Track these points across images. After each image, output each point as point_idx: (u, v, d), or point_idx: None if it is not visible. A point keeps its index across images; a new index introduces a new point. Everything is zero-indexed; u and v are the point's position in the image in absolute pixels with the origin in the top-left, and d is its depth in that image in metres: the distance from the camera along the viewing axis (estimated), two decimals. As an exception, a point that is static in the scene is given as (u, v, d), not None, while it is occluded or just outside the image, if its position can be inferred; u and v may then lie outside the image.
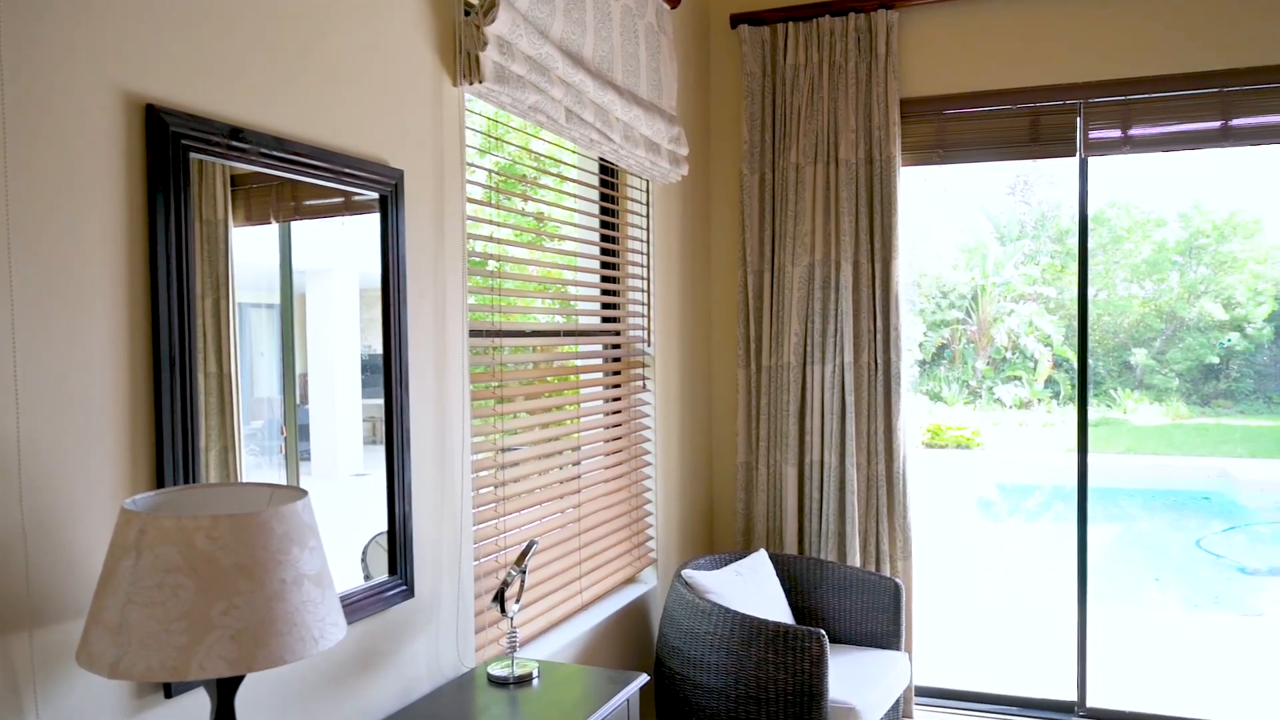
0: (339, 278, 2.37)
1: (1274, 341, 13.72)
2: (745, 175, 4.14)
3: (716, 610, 3.15)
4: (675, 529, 3.92)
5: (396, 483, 2.26)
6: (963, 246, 14.86)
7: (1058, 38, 3.90)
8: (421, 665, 2.36)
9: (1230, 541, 9.93)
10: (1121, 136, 3.93)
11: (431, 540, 2.39)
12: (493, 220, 2.80)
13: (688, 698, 3.19)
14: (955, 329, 14.75)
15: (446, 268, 2.46)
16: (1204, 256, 14.15)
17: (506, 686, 2.41)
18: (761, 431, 4.14)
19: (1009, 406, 14.18)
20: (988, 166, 14.92)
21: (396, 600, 2.24)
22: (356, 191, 2.20)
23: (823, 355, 4.05)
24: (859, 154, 4.00)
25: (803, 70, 4.03)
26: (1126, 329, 14.42)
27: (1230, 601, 8.32)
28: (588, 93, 2.85)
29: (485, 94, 2.50)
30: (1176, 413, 13.85)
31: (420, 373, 2.35)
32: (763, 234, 4.14)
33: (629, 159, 3.24)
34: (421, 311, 2.36)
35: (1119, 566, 9.17)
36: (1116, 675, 4.86)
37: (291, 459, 2.21)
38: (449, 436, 2.46)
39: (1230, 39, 3.72)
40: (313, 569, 1.55)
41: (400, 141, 2.28)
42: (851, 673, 3.31)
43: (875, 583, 3.66)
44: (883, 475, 4.03)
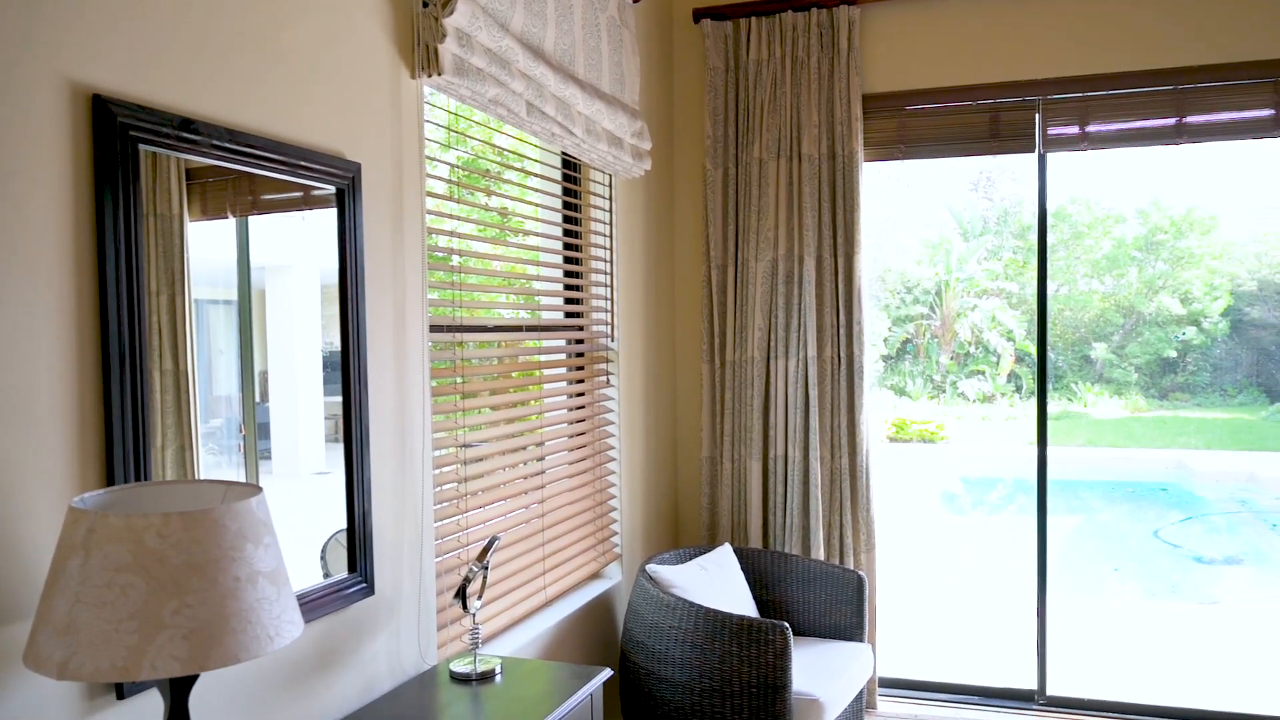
0: (299, 274, 2.34)
1: (1229, 336, 13.98)
2: (709, 170, 4.15)
3: (681, 604, 3.15)
4: (640, 524, 3.93)
5: (355, 479, 2.24)
6: (927, 242, 15.00)
7: (1017, 35, 3.94)
8: (382, 663, 2.34)
9: (1187, 532, 10.11)
10: (1079, 133, 3.98)
11: (392, 537, 2.37)
12: (455, 215, 2.78)
13: (652, 692, 3.20)
14: (919, 324, 14.89)
15: (406, 262, 2.43)
16: (1162, 252, 14.39)
17: (469, 683, 2.40)
18: (726, 426, 4.16)
19: (972, 401, 14.35)
20: (951, 162, 15.06)
21: (356, 598, 2.22)
22: (315, 185, 2.17)
23: (786, 350, 4.07)
24: (822, 149, 4.02)
25: (765, 65, 4.04)
26: (1087, 324, 14.63)
27: (1187, 590, 8.48)
28: (549, 86, 2.84)
29: (444, 87, 2.48)
30: (1135, 406, 14.08)
31: (380, 368, 2.33)
32: (726, 229, 4.15)
33: (591, 153, 3.23)
34: (381, 306, 2.34)
35: (1079, 557, 9.32)
36: (1076, 664, 4.94)
37: (250, 457, 2.18)
38: (410, 433, 2.44)
39: (1184, 37, 3.78)
40: (268, 566, 1.54)
41: (357, 134, 2.25)
42: (815, 665, 3.34)
43: (839, 575, 3.68)
44: (846, 469, 4.06)
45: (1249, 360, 14.05)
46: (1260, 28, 3.70)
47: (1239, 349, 14.05)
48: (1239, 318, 13.91)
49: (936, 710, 4.13)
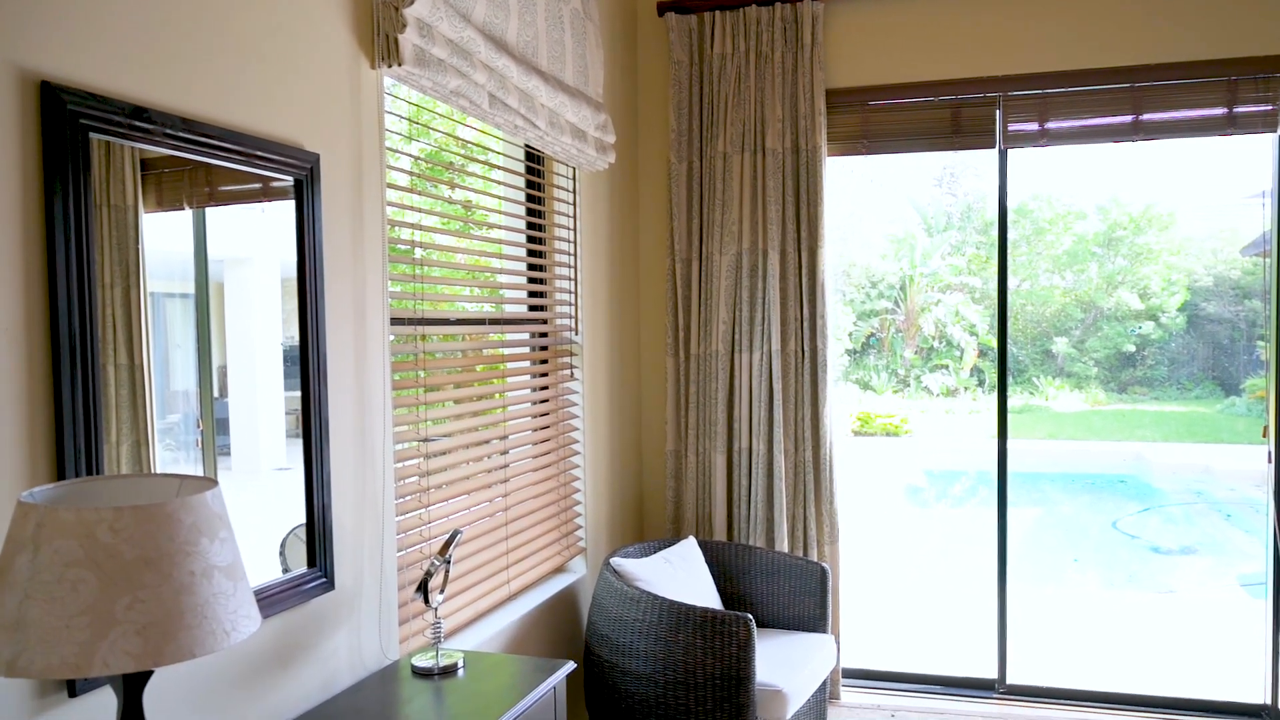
0: (259, 266, 2.32)
1: (1186, 331, 14.24)
2: (673, 164, 4.15)
3: (645, 597, 3.16)
4: (604, 517, 3.93)
5: (315, 473, 2.22)
6: (891, 237, 15.12)
7: (978, 32, 3.98)
8: (343, 658, 2.32)
9: (1145, 523, 10.30)
10: (1039, 129, 4.03)
11: (352, 532, 2.35)
12: (418, 208, 2.76)
13: (616, 685, 3.20)
14: (884, 318, 15.01)
15: (367, 254, 2.41)
16: (1121, 248, 14.61)
17: (431, 677, 2.39)
18: (690, 419, 4.17)
19: (936, 394, 14.50)
20: (915, 158, 15.19)
21: (316, 592, 2.20)
22: (273, 176, 2.14)
23: (750, 343, 4.09)
24: (785, 143, 4.04)
25: (730, 59, 4.05)
26: (1048, 318, 14.83)
27: (1144, 580, 8.64)
28: (511, 78, 2.82)
29: (405, 77, 2.46)
30: (1095, 399, 14.30)
31: (340, 362, 2.31)
32: (690, 222, 4.16)
33: (555, 146, 3.22)
34: (340, 299, 2.31)
35: (1040, 548, 9.45)
36: (1036, 653, 5.02)
37: (208, 453, 2.15)
38: (370, 426, 2.42)
39: (1140, 36, 3.84)
40: (224, 560, 1.52)
41: (316, 125, 2.23)
42: (779, 656, 3.36)
43: (802, 567, 3.71)
44: (810, 462, 4.09)
45: (1205, 354, 14.32)
46: (1213, 28, 3.77)
47: (1195, 343, 14.32)
48: (1195, 313, 14.17)
49: (899, 700, 4.18)
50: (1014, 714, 4.02)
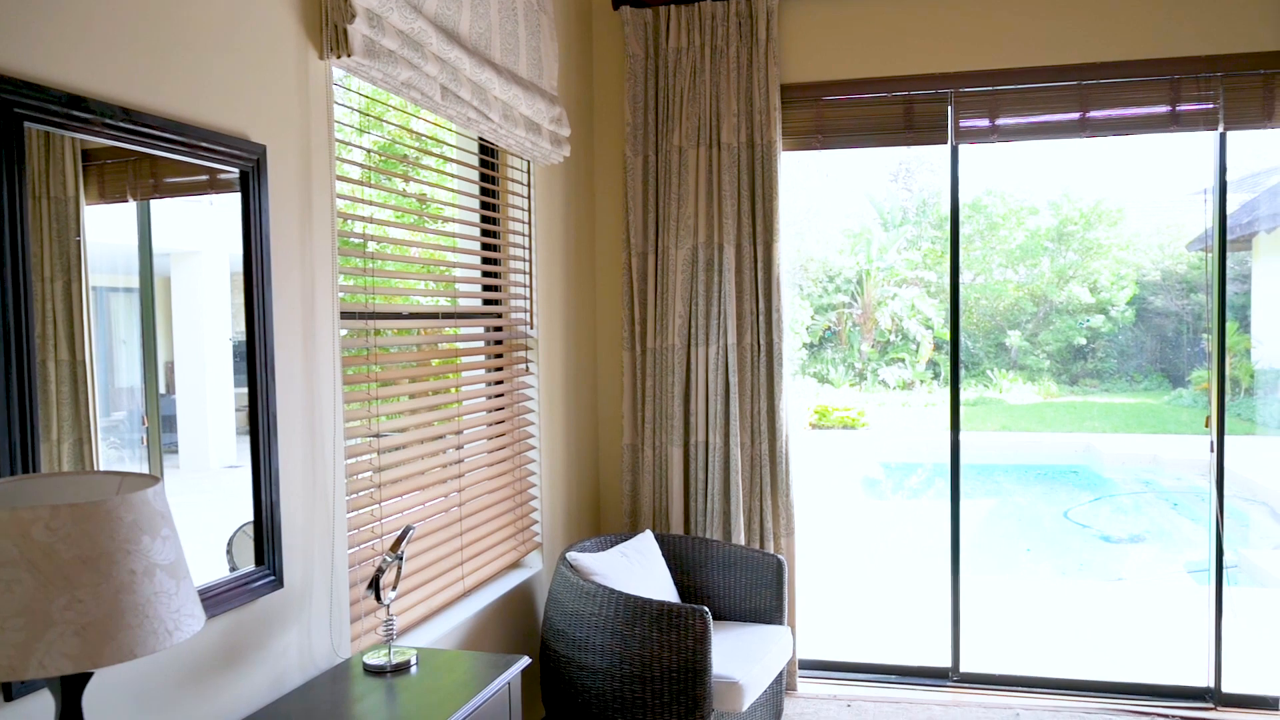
0: (207, 260, 2.28)
1: (1134, 324, 14.54)
2: (629, 157, 4.14)
3: (601, 591, 3.16)
4: (561, 512, 3.92)
5: (263, 470, 2.19)
6: (848, 232, 15.26)
7: (930, 28, 4.03)
8: (293, 657, 2.29)
9: (1095, 512, 10.50)
10: (990, 125, 4.09)
11: (302, 529, 2.32)
12: (370, 200, 2.73)
13: (573, 679, 3.20)
14: (841, 312, 15.15)
15: (316, 247, 2.38)
16: (1072, 243, 14.88)
17: (383, 675, 2.37)
18: (647, 413, 4.17)
19: (893, 388, 14.67)
20: (871, 154, 15.34)
21: (264, 591, 2.17)
22: (220, 168, 2.10)
23: (707, 337, 4.10)
24: (740, 138, 4.05)
25: (685, 53, 4.05)
26: (1002, 312, 15.06)
27: (1095, 568, 8.81)
28: (464, 70, 2.80)
29: (355, 69, 2.43)
30: (1048, 391, 14.56)
31: (288, 357, 2.27)
32: (646, 216, 4.16)
33: (509, 139, 3.20)
34: (288, 293, 2.28)
35: (994, 538, 9.60)
36: (990, 641, 5.09)
37: (154, 450, 2.11)
38: (320, 422, 2.39)
39: (1086, 34, 3.91)
40: (166, 559, 1.49)
41: (262, 115, 2.19)
42: (735, 648, 3.37)
43: (759, 560, 3.73)
44: (766, 455, 4.11)
45: (1152, 347, 14.64)
46: (1157, 27, 3.85)
47: (1143, 336, 14.63)
48: (1143, 306, 14.48)
49: (855, 689, 4.22)
50: (967, 701, 4.08)
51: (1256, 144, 4.28)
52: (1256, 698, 3.97)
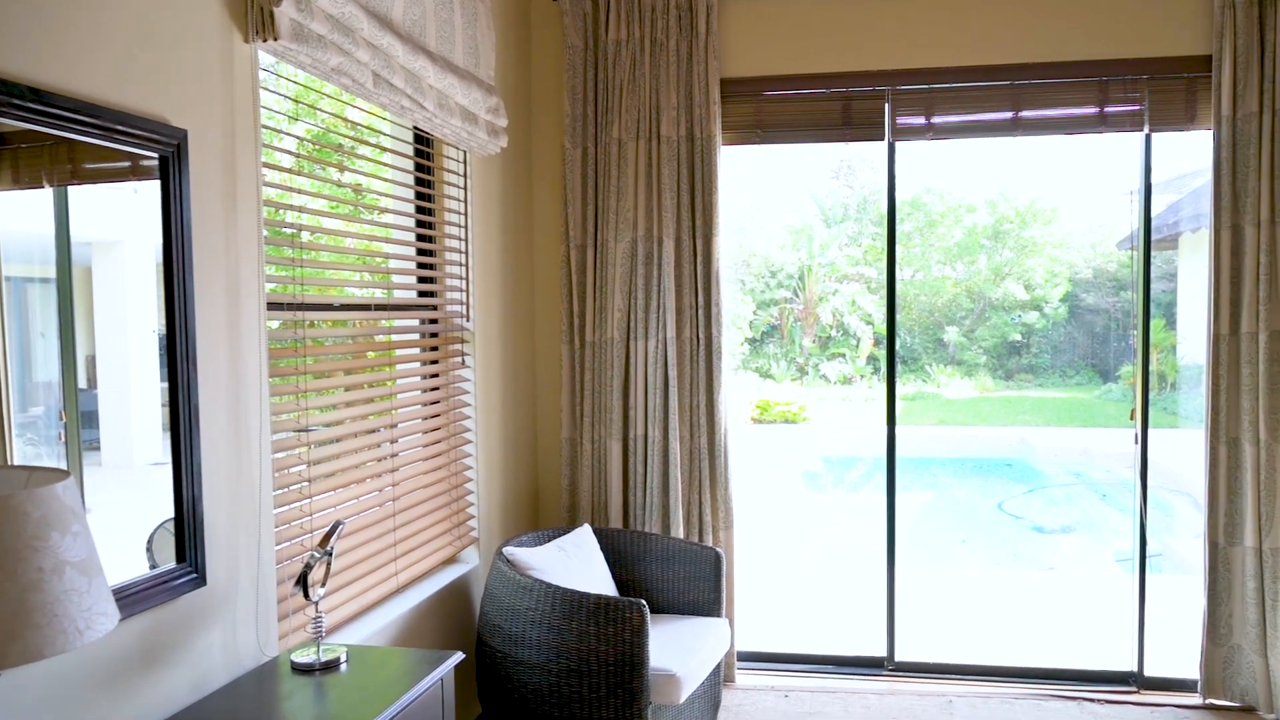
0: (131, 250, 2.20)
1: (1067, 321, 14.90)
2: (568, 149, 4.12)
3: (538, 586, 3.13)
4: (498, 507, 3.88)
5: (184, 465, 2.12)
6: (790, 228, 15.40)
7: (868, 26, 4.06)
8: (216, 656, 2.23)
9: (1028, 504, 10.74)
10: (925, 123, 4.14)
11: (226, 525, 2.26)
12: (303, 190, 2.67)
13: (509, 675, 3.17)
14: (783, 308, 15.29)
15: (241, 236, 2.32)
16: (1008, 241, 15.21)
17: (312, 673, 2.32)
18: (586, 407, 4.15)
19: (833, 383, 14.85)
20: (813, 151, 15.50)
21: (186, 589, 2.11)
22: (140, 153, 2.03)
23: (646, 330, 4.10)
24: (680, 131, 4.05)
25: (625, 45, 4.04)
26: (940, 308, 15.33)
27: (1027, 559, 9.01)
28: (397, 57, 2.75)
29: (282, 53, 2.37)
30: (984, 386, 14.86)
31: (211, 349, 2.21)
32: (585, 209, 4.13)
33: (444, 128, 3.15)
34: (211, 283, 2.21)
35: (931, 530, 9.77)
36: (925, 630, 5.18)
37: (73, 446, 2.03)
38: (246, 416, 2.33)
39: (1019, 36, 3.98)
40: (77, 556, 1.44)
41: (183, 99, 2.12)
42: (673, 641, 3.38)
43: (697, 553, 3.74)
44: (705, 448, 4.12)
45: (1084, 343, 15.03)
46: (1085, 30, 3.94)
47: (1076, 333, 15.01)
48: (1076, 303, 14.85)
49: (792, 680, 4.26)
50: (902, 690, 4.15)
51: (1182, 147, 4.39)
52: (1176, 680, 4.09)
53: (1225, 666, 3.91)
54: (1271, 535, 3.78)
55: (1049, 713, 3.90)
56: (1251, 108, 3.74)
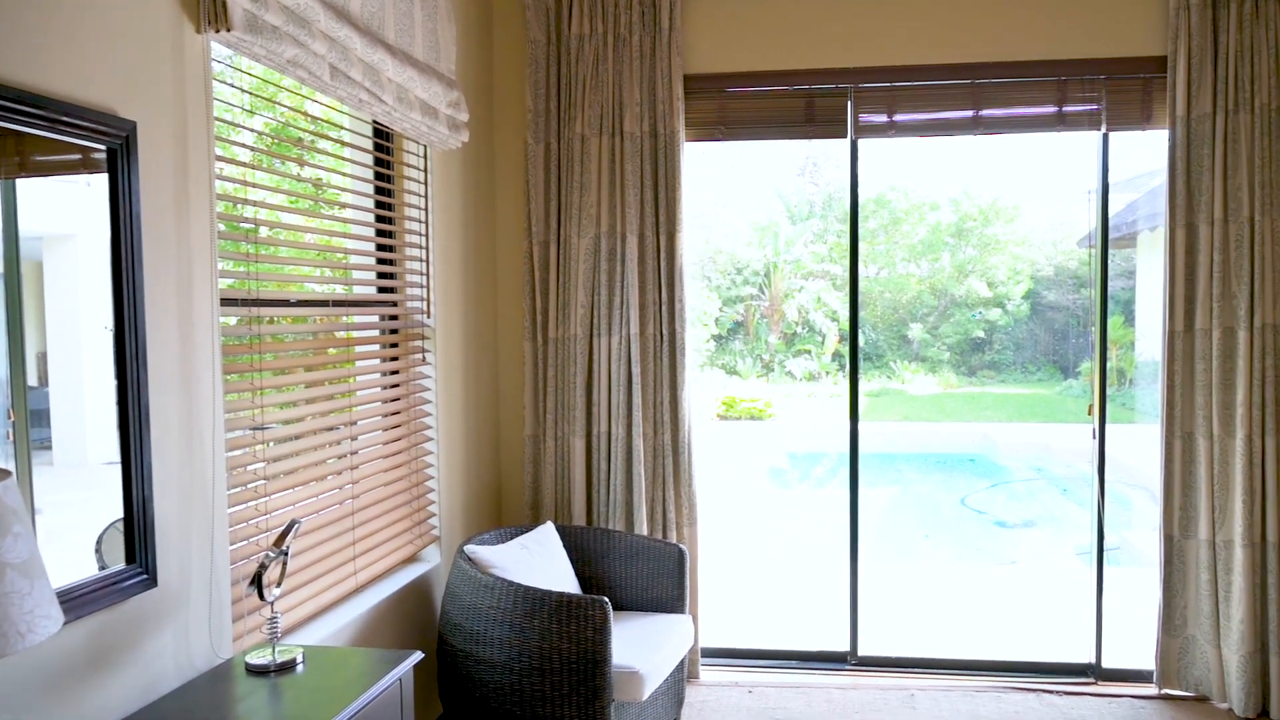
0: (84, 245, 2.15)
1: (1029, 318, 15.09)
2: (530, 145, 4.09)
3: (499, 584, 3.11)
4: (460, 505, 3.85)
5: (134, 463, 2.08)
6: (756, 225, 15.45)
7: (831, 23, 4.07)
8: (168, 658, 2.19)
9: (991, 499, 10.87)
10: (888, 121, 4.16)
11: (178, 525, 2.22)
12: (257, 184, 2.62)
13: (471, 674, 3.15)
14: (749, 305, 15.34)
15: (193, 231, 2.27)
16: (971, 238, 15.36)
17: (267, 675, 2.28)
18: (549, 404, 4.13)
19: (799, 379, 14.93)
20: (779, 148, 15.56)
21: (136, 590, 2.07)
22: (89, 145, 1.99)
23: (609, 327, 4.08)
24: (643, 127, 4.04)
25: (587, 41, 4.02)
26: (904, 305, 15.46)
27: (990, 553, 9.12)
28: (355, 50, 2.71)
29: (236, 44, 2.32)
30: (948, 382, 15.01)
31: (162, 345, 2.16)
32: (548, 205, 4.11)
33: (403, 122, 3.11)
34: (163, 278, 2.17)
35: (895, 525, 9.85)
36: (889, 625, 5.21)
37: (21, 446, 1.98)
38: (198, 413, 2.29)
39: (979, 35, 4.01)
40: (18, 557, 1.42)
41: (132, 90, 2.07)
42: (636, 638, 3.37)
43: (660, 549, 3.73)
44: (669, 445, 4.12)
45: (1045, 340, 15.23)
46: (1044, 30, 3.98)
47: (1037, 329, 15.21)
48: (1038, 301, 15.04)
49: (756, 676, 4.27)
50: (865, 684, 4.17)
51: (1141, 147, 4.46)
52: (1133, 671, 4.16)
53: (1180, 657, 3.97)
54: (1224, 528, 3.84)
55: (1009, 705, 3.95)
56: (1205, 108, 3.79)
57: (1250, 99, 3.75)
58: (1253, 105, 3.74)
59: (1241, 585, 3.78)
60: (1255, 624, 3.79)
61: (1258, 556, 3.79)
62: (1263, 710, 3.83)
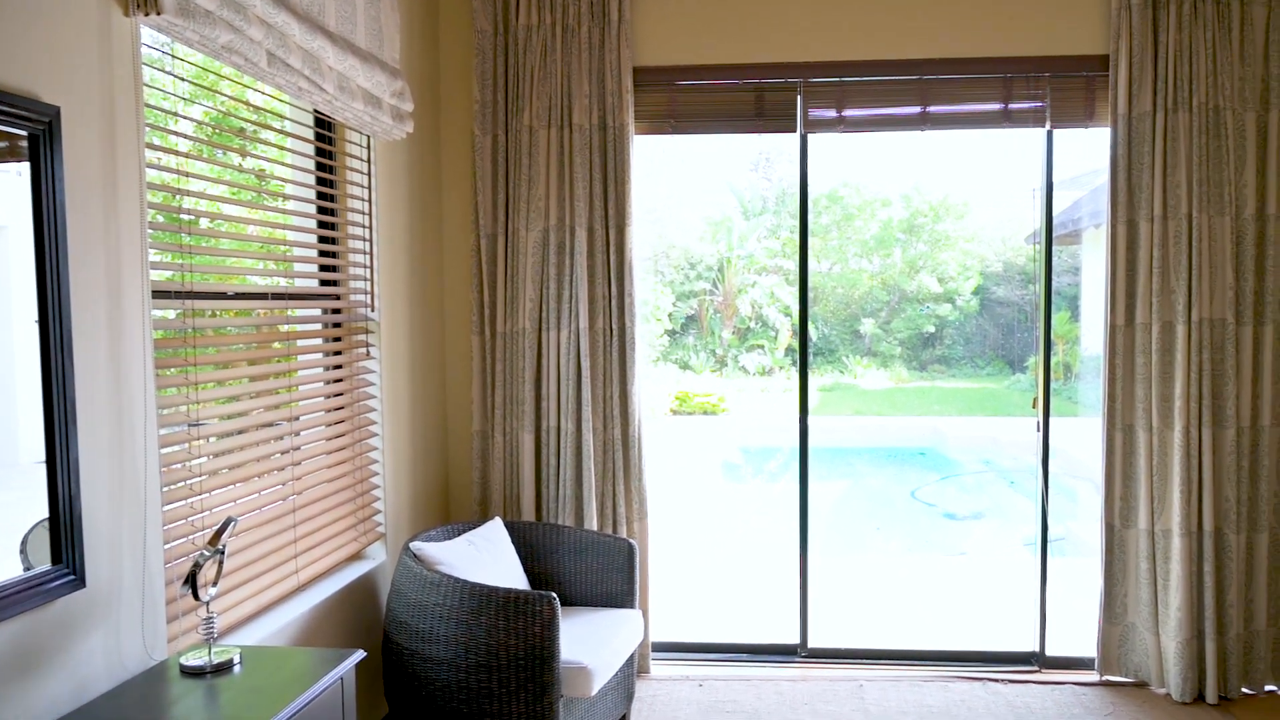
0: (13, 235, 2.07)
1: (979, 313, 15.31)
2: (477, 136, 4.04)
3: (445, 581, 3.07)
4: (406, 502, 3.80)
5: (59, 460, 2.01)
6: (709, 220, 15.48)
7: (780, 17, 4.08)
8: (99, 661, 2.12)
9: (941, 491, 11.01)
10: (837, 116, 4.18)
11: (108, 524, 2.15)
12: (195, 174, 2.55)
13: (417, 672, 3.11)
14: (703, 299, 15.37)
15: (123, 221, 2.20)
16: (922, 234, 15.54)
17: (203, 676, 2.22)
18: (497, 399, 4.09)
19: (752, 374, 14.99)
20: (732, 143, 15.60)
21: (63, 591, 2.00)
22: (12, 132, 1.91)
23: (558, 321, 4.05)
24: (593, 120, 4.01)
25: (535, 31, 3.98)
26: (857, 300, 15.60)
27: (939, 544, 9.24)
28: (293, 36, 2.65)
29: (167, 28, 2.25)
30: (899, 377, 15.18)
31: (89, 340, 2.10)
32: (496, 197, 4.07)
33: (345, 111, 3.05)
34: (90, 271, 2.10)
35: (847, 518, 9.94)
36: (840, 617, 5.25)
37: (-57, 445, 1.91)
38: (130, 409, 2.22)
39: (926, 31, 4.04)
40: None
41: (55, 75, 2.00)
42: (585, 633, 3.35)
43: (610, 544, 3.71)
44: (619, 439, 4.10)
45: (995, 335, 15.47)
46: (991, 27, 4.02)
47: (987, 324, 15.43)
48: (987, 296, 15.26)
49: (707, 669, 4.28)
50: (814, 675, 4.20)
51: (1087, 145, 4.53)
52: (1076, 659, 4.23)
53: (1121, 644, 4.05)
54: (1163, 518, 3.92)
55: (955, 693, 3.99)
56: (1146, 106, 3.86)
57: (1189, 98, 3.82)
58: (1191, 104, 3.82)
59: (1179, 573, 3.86)
60: (1192, 611, 3.87)
61: (1194, 545, 3.88)
62: (1199, 695, 3.92)
